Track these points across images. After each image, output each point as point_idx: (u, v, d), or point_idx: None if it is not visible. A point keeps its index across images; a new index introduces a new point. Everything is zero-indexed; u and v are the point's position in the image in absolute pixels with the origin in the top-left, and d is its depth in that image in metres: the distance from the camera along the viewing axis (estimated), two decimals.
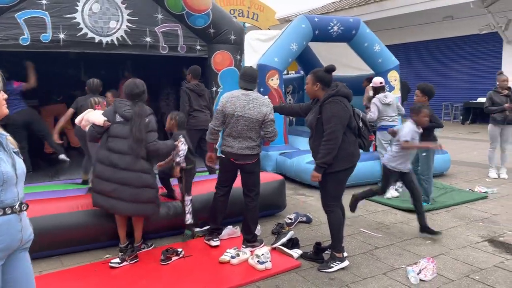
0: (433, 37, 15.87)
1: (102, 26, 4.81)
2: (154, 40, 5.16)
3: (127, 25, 4.96)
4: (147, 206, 3.76)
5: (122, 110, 3.70)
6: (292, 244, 3.92)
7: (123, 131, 3.67)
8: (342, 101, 3.44)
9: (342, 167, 3.48)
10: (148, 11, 5.07)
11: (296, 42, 7.29)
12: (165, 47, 5.26)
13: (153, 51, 5.20)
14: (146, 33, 5.10)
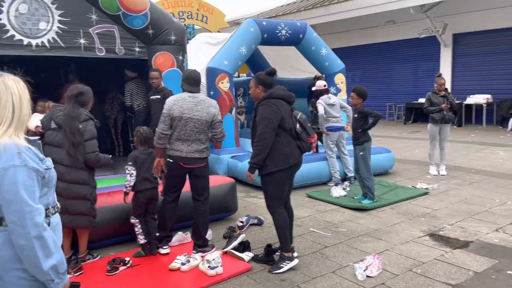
0: (376, 41, 16.53)
1: (30, 28, 4.54)
2: (89, 42, 4.95)
3: (59, 26, 4.72)
4: (79, 218, 3.56)
5: (55, 116, 3.52)
6: (243, 247, 3.91)
7: (56, 139, 3.50)
8: (274, 103, 3.52)
9: (276, 168, 3.53)
10: (82, 11, 4.85)
11: (245, 45, 7.32)
12: (101, 49, 5.06)
13: (88, 53, 4.97)
14: (80, 35, 4.88)
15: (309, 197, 5.92)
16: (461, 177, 6.96)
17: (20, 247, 1.58)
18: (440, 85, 6.96)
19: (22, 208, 1.57)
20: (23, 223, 1.56)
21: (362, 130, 5.38)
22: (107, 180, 5.00)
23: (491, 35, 13.46)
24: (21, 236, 1.57)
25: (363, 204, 5.37)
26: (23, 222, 1.56)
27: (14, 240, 1.58)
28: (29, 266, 1.60)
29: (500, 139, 10.76)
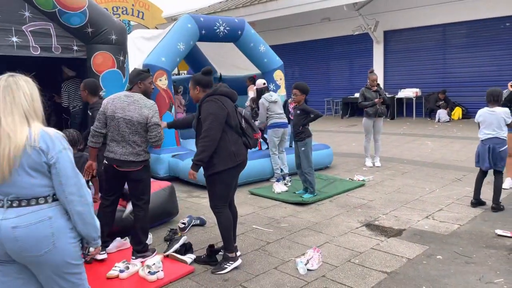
0: (313, 38, 16.97)
1: None
2: (22, 40, 4.63)
3: None
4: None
5: None
6: (185, 249, 3.84)
7: None
8: (219, 99, 3.49)
9: (224, 167, 3.49)
10: (13, 8, 4.52)
11: (183, 41, 7.18)
12: (36, 47, 4.74)
13: (22, 52, 4.65)
14: (12, 33, 4.55)
15: (252, 194, 5.95)
16: (394, 167, 7.35)
17: (79, 213, 1.96)
18: (373, 81, 7.29)
19: (79, 181, 1.97)
20: (81, 193, 1.96)
21: (303, 126, 5.49)
22: None
23: (419, 32, 14.33)
24: (80, 203, 1.95)
25: (304, 199, 5.49)
26: (81, 192, 1.96)
27: (72, 209, 1.94)
28: (85, 227, 1.99)
29: (428, 130, 11.50)
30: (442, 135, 10.53)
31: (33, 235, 1.88)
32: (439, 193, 5.70)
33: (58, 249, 1.93)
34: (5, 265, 1.94)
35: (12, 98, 1.91)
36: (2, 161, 1.84)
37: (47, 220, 1.92)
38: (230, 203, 3.75)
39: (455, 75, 13.76)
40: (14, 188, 1.88)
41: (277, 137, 6.43)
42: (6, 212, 1.88)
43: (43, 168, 1.91)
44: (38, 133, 1.90)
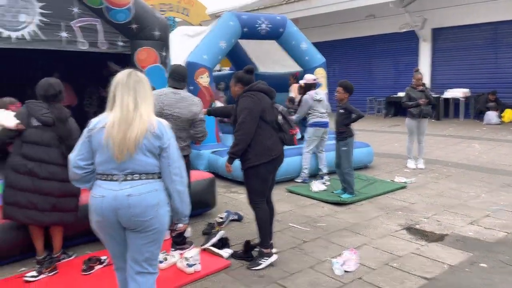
0: (357, 35, 16.63)
1: (10, 20, 4.40)
2: (71, 35, 4.84)
3: (40, 19, 4.59)
4: (68, 214, 3.57)
5: (39, 113, 3.43)
6: (222, 244, 3.90)
7: (42, 137, 3.42)
8: (255, 95, 3.55)
9: (259, 161, 3.52)
10: (63, 4, 4.73)
11: (224, 39, 7.26)
12: (84, 42, 4.95)
13: (70, 47, 4.86)
14: (62, 28, 4.77)
15: (289, 192, 5.94)
16: (438, 170, 7.09)
17: (178, 191, 2.34)
18: (418, 80, 7.05)
19: (181, 165, 2.36)
20: (183, 174, 2.36)
21: (346, 126, 5.40)
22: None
23: (469, 30, 13.70)
24: (181, 183, 2.35)
25: (342, 199, 5.41)
26: (182, 174, 2.36)
27: (174, 187, 2.32)
28: (181, 205, 2.38)
29: (476, 132, 11.00)
30: (491, 138, 10.04)
31: (143, 203, 2.24)
32: (486, 198, 5.45)
33: (159, 218, 2.29)
34: (115, 230, 2.31)
35: (145, 90, 2.30)
36: (133, 141, 2.20)
37: (155, 191, 2.28)
38: (267, 199, 3.77)
39: (506, 75, 13.05)
40: (132, 164, 2.24)
41: (316, 136, 6.36)
42: (121, 184, 2.24)
43: (156, 151, 2.27)
44: (156, 122, 2.27)
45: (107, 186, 2.26)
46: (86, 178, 2.34)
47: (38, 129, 3.45)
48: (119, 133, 2.20)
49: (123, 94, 2.26)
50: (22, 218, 3.43)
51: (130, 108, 2.24)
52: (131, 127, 2.20)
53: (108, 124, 2.23)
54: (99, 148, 2.26)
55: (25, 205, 3.40)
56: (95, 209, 2.28)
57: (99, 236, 2.41)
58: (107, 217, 2.26)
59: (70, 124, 3.57)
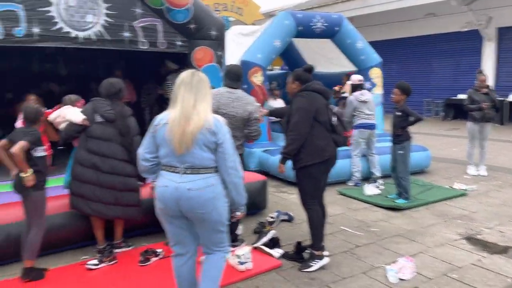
0: (415, 34, 16.02)
1: (78, 20, 4.66)
2: (133, 35, 5.04)
3: (105, 19, 4.82)
4: (130, 209, 3.73)
5: (102, 110, 3.62)
6: (273, 243, 3.90)
7: (104, 133, 3.60)
8: (309, 95, 3.53)
9: (311, 161, 3.49)
10: (127, 5, 4.93)
11: (279, 38, 7.25)
12: (144, 42, 5.14)
13: (132, 47, 5.07)
14: (125, 28, 4.97)
15: (341, 195, 5.83)
16: (502, 178, 6.67)
17: (234, 183, 2.50)
18: (481, 82, 6.67)
19: (236, 158, 2.51)
20: (238, 168, 2.51)
21: (403, 129, 5.21)
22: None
23: None
24: (236, 176, 2.50)
25: (397, 204, 5.24)
26: (238, 167, 2.51)
27: (230, 180, 2.48)
28: (237, 195, 2.55)
29: None
30: None
31: (202, 197, 2.41)
32: None
33: (217, 210, 2.47)
34: (177, 218, 2.51)
35: (205, 90, 2.48)
36: (189, 136, 2.36)
37: (212, 186, 2.45)
38: (319, 201, 3.72)
39: None
40: (190, 158, 2.41)
41: (362, 138, 6.20)
42: (182, 177, 2.43)
43: (212, 145, 2.43)
44: (212, 119, 2.44)
45: (170, 177, 2.46)
46: (152, 169, 2.57)
47: (101, 125, 3.63)
48: (179, 128, 2.37)
49: (185, 93, 2.44)
50: (86, 209, 3.63)
51: (189, 106, 2.41)
52: (189, 123, 2.37)
53: (170, 120, 2.42)
54: (163, 142, 2.46)
55: (90, 197, 3.59)
56: (159, 197, 2.49)
57: (161, 222, 2.60)
58: (169, 205, 2.46)
59: (130, 121, 3.72)
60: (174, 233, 2.59)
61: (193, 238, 2.63)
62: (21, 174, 3.17)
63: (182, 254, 2.63)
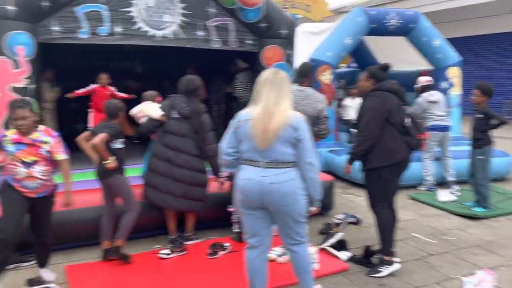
0: (497, 31, 14.87)
1: (156, 20, 4.87)
2: (206, 34, 5.17)
3: (181, 19, 5.00)
4: (197, 203, 3.87)
5: (179, 106, 3.76)
6: (340, 246, 3.82)
7: (180, 129, 3.75)
8: (382, 95, 3.40)
9: (380, 164, 3.36)
10: (201, 5, 5.08)
11: (350, 36, 7.07)
12: (217, 41, 5.25)
13: (205, 45, 5.21)
14: (199, 27, 5.12)
15: (412, 199, 5.57)
16: None
17: (311, 178, 2.58)
18: None
19: (314, 155, 2.59)
20: (314, 163, 2.58)
21: (483, 132, 4.86)
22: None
23: None
24: (313, 171, 2.57)
25: (474, 212, 4.90)
26: (314, 163, 2.58)
27: (307, 175, 2.56)
28: (313, 190, 2.62)
29: None
30: None
31: (283, 190, 2.51)
32: None
33: (297, 203, 2.56)
34: (256, 210, 2.61)
35: (286, 88, 2.57)
36: (272, 132, 2.45)
37: (292, 180, 2.54)
38: (390, 204, 3.57)
39: None
40: (272, 153, 2.50)
41: (434, 141, 5.85)
42: (264, 171, 2.53)
43: (293, 141, 2.51)
44: (293, 116, 2.52)
45: (252, 171, 2.56)
46: (233, 163, 2.67)
47: (177, 120, 3.78)
48: (261, 125, 2.47)
49: (269, 91, 2.53)
50: (157, 200, 3.80)
51: (272, 103, 2.50)
52: (272, 120, 2.46)
53: (253, 117, 2.52)
54: (245, 138, 2.56)
55: (162, 189, 3.76)
56: (241, 189, 2.60)
57: (240, 213, 2.72)
58: (251, 198, 2.56)
59: (204, 118, 3.83)
60: (251, 225, 2.67)
61: (269, 231, 2.70)
62: (104, 162, 3.40)
63: (257, 247, 2.69)
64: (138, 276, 3.37)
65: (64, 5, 4.41)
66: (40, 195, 2.98)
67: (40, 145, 2.91)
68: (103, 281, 3.28)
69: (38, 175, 2.91)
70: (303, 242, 2.72)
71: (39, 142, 2.91)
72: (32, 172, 2.89)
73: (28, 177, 2.89)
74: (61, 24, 4.43)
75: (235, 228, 4.07)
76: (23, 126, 2.84)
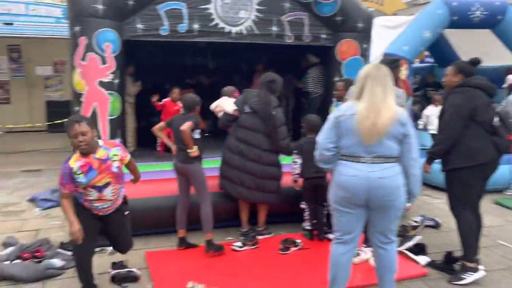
0: None
1: (232, 16, 4.95)
2: (280, 29, 5.16)
3: (256, 14, 5.03)
4: (269, 195, 3.90)
5: (251, 101, 3.82)
6: (418, 249, 3.64)
7: (251, 123, 3.79)
8: (468, 91, 3.17)
9: (462, 164, 3.15)
10: (277, 0, 5.07)
11: (429, 29, 6.68)
12: (290, 36, 5.22)
13: (278, 40, 5.20)
14: (273, 23, 5.12)
15: (497, 204, 5.17)
16: None
17: (414, 175, 2.55)
18: None
19: (418, 150, 2.57)
20: (418, 159, 2.56)
21: None
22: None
23: None
24: (416, 167, 2.55)
25: None
26: (418, 159, 2.56)
27: (410, 170, 2.54)
28: (414, 186, 2.59)
29: None
30: None
31: (391, 185, 2.49)
32: None
33: (400, 198, 2.54)
34: (357, 207, 2.57)
35: (390, 83, 2.53)
36: (381, 128, 2.43)
37: (398, 175, 2.53)
38: (474, 208, 3.33)
39: None
40: (379, 148, 2.48)
41: None
42: (371, 166, 2.49)
43: (400, 137, 2.49)
44: (400, 112, 2.50)
45: (357, 166, 2.51)
46: (331, 159, 2.61)
47: (249, 115, 3.83)
48: (368, 120, 2.43)
49: (372, 86, 2.48)
50: (232, 191, 3.90)
51: (378, 98, 2.46)
52: (380, 115, 2.42)
53: (359, 112, 2.46)
54: (348, 133, 2.51)
55: (235, 181, 3.85)
56: (346, 186, 2.54)
57: (335, 210, 2.65)
58: (357, 194, 2.51)
59: (275, 113, 3.81)
60: (348, 222, 2.62)
61: (361, 229, 2.68)
62: (188, 150, 3.53)
63: (347, 243, 2.67)
64: (213, 266, 3.46)
65: (148, 4, 4.61)
66: (108, 213, 2.83)
67: (110, 163, 2.69)
68: (180, 268, 3.40)
69: (109, 197, 2.76)
70: (394, 241, 2.69)
71: (109, 160, 2.68)
72: (103, 196, 2.72)
73: (99, 200, 2.73)
74: (144, 22, 4.64)
75: (306, 226, 4.04)
76: (83, 143, 2.55)
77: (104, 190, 2.71)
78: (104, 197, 2.73)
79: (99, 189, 2.69)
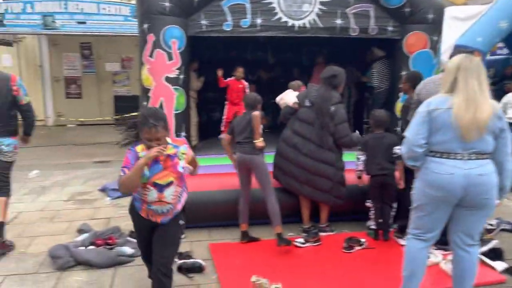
0: None
1: (295, 10, 4.89)
2: (345, 22, 5.02)
3: (319, 7, 4.93)
4: (320, 193, 3.83)
5: (311, 95, 3.78)
6: (495, 254, 3.40)
7: (309, 116, 3.74)
8: None
9: None
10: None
11: (506, 19, 6.19)
12: (355, 29, 5.07)
13: (343, 34, 5.07)
14: (338, 15, 5.00)
15: None
16: None
17: (509, 170, 2.45)
18: None
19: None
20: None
21: None
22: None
23: None
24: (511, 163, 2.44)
25: None
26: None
27: (505, 166, 2.43)
28: (508, 182, 2.48)
29: None
30: None
31: (490, 182, 2.39)
32: None
33: (495, 196, 2.43)
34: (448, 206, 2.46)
35: (484, 75, 2.41)
36: (483, 122, 2.32)
37: (494, 172, 2.42)
38: None
39: None
40: (479, 144, 2.36)
41: None
42: (467, 163, 2.37)
43: (496, 131, 2.39)
44: (496, 105, 2.41)
45: (452, 163, 2.38)
46: (421, 156, 2.48)
47: (308, 108, 3.79)
48: (467, 114, 2.31)
49: (467, 77, 2.36)
50: (284, 183, 3.95)
51: (476, 91, 2.34)
52: (480, 109, 2.31)
53: (456, 106, 2.35)
54: (443, 128, 2.39)
55: (287, 173, 3.88)
56: (440, 185, 2.41)
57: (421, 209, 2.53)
58: (453, 192, 2.39)
59: (336, 109, 3.71)
60: (433, 220, 2.52)
61: (442, 229, 2.59)
62: (254, 140, 3.58)
63: (426, 240, 2.59)
64: (275, 260, 3.47)
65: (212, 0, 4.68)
66: (165, 220, 2.60)
67: (177, 161, 2.53)
68: (243, 261, 3.45)
69: (169, 199, 2.55)
70: (478, 244, 2.59)
71: (177, 158, 2.53)
72: (163, 197, 2.52)
73: (158, 201, 2.53)
74: (209, 18, 4.71)
75: (371, 225, 3.92)
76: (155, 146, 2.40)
77: (165, 191, 2.51)
78: (164, 199, 2.52)
79: (160, 188, 2.50)
